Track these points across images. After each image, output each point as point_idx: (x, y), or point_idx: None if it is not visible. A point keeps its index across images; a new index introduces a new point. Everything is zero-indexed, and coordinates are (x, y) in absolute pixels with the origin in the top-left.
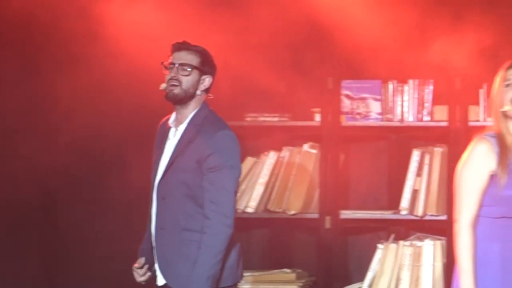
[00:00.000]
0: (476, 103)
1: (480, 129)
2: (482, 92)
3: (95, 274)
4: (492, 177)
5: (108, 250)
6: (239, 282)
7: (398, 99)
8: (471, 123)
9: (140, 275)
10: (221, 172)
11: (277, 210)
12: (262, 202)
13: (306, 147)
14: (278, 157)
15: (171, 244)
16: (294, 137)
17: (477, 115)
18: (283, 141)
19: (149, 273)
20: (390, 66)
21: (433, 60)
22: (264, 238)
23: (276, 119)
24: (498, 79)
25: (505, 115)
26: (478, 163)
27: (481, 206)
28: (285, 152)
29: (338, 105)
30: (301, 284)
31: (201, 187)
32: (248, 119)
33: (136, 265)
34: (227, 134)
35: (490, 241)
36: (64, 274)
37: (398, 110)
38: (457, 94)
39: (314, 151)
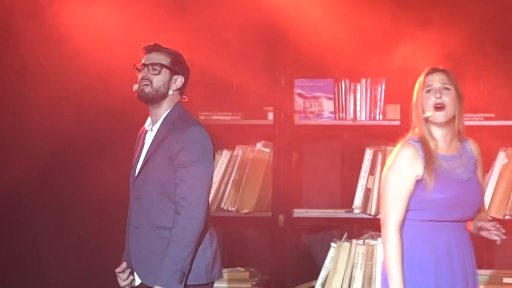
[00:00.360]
0: None
1: None
2: None
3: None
4: (418, 181)
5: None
6: (214, 281)
7: (351, 98)
8: None
9: (123, 280)
10: (191, 168)
11: (230, 208)
12: (215, 200)
13: (259, 145)
14: (231, 156)
15: (146, 242)
16: (247, 136)
17: None
18: (236, 139)
19: (132, 277)
20: (342, 65)
21: (385, 59)
22: (217, 237)
23: (229, 117)
24: (418, 85)
25: (427, 120)
26: (404, 168)
27: (408, 209)
28: (238, 151)
29: (291, 104)
30: (254, 283)
31: (174, 184)
32: (201, 117)
33: (117, 269)
34: (198, 130)
35: (421, 242)
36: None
37: (350, 109)
38: (410, 92)
39: (267, 149)
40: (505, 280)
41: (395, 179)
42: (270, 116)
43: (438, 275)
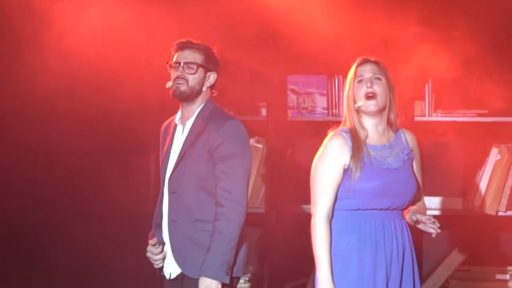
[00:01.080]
0: (422, 98)
1: (426, 124)
2: (427, 87)
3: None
4: (346, 170)
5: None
6: (245, 275)
7: (344, 94)
8: (416, 118)
9: (155, 254)
10: (233, 160)
11: None
12: None
13: (252, 141)
14: None
15: (185, 235)
16: None
17: (423, 110)
18: None
19: (164, 254)
20: (336, 61)
21: (378, 56)
22: None
23: None
24: (350, 76)
25: (359, 110)
26: (332, 157)
27: (336, 199)
28: None
29: (284, 100)
30: (247, 279)
31: (213, 177)
32: None
33: (151, 241)
34: (236, 123)
35: (348, 232)
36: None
37: (343, 105)
38: (403, 88)
39: (260, 145)
40: (498, 276)
41: (323, 168)
42: (263, 112)
43: (362, 263)
